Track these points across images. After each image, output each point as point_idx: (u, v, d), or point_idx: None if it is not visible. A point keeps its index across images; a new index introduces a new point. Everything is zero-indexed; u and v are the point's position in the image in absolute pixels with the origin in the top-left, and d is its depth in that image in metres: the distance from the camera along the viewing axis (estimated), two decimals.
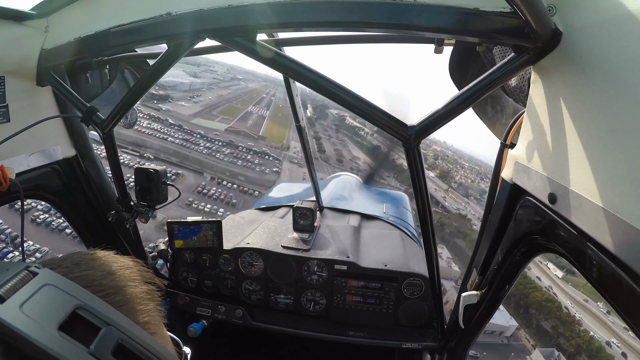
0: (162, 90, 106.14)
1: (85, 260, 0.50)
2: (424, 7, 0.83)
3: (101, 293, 0.44)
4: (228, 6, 0.96)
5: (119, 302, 0.46)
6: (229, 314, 1.98)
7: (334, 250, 1.97)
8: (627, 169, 0.64)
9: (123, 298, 0.47)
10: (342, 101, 1.00)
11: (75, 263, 0.48)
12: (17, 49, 1.23)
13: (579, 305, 49.99)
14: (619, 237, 0.64)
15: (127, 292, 0.48)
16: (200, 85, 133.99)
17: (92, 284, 0.45)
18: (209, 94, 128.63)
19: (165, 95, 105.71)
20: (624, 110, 0.65)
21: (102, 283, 0.46)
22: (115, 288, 0.47)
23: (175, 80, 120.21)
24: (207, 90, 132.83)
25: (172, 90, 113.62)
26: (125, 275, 0.50)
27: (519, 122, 1.10)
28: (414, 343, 1.82)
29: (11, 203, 1.36)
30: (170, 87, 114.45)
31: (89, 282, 0.45)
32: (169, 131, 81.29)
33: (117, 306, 0.44)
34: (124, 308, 0.45)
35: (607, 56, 0.68)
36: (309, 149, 2.24)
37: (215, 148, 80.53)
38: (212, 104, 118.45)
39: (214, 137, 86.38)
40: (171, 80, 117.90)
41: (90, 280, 0.46)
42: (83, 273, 0.46)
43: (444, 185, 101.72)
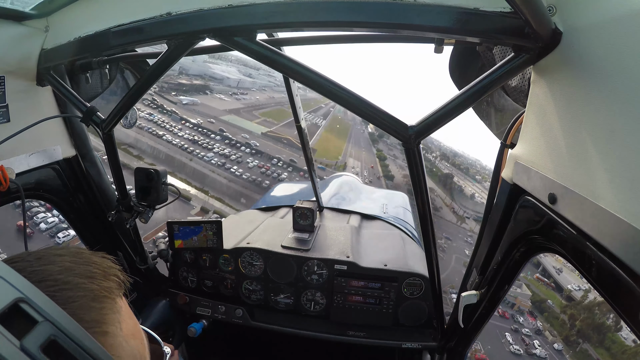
0: (199, 80, 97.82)
1: (49, 255, 0.50)
2: (424, 7, 0.83)
3: (53, 288, 0.45)
4: (228, 6, 0.96)
5: (71, 299, 0.46)
6: (229, 314, 1.98)
7: (334, 250, 1.97)
8: (627, 169, 0.64)
9: (76, 294, 0.47)
10: (342, 101, 1.00)
11: (38, 257, 0.49)
12: (17, 49, 1.23)
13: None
14: (619, 237, 0.64)
15: (81, 288, 0.48)
16: (251, 85, 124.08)
17: (46, 278, 0.46)
18: (257, 94, 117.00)
19: (203, 85, 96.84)
20: (624, 110, 0.65)
21: (56, 278, 0.47)
22: (70, 284, 0.47)
23: (222, 74, 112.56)
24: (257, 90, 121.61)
25: (215, 82, 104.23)
26: (84, 272, 0.50)
27: (519, 122, 1.10)
28: (414, 343, 1.82)
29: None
30: (214, 79, 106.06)
31: (43, 277, 0.46)
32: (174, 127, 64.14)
33: (68, 302, 0.45)
34: (75, 304, 0.46)
35: (607, 56, 0.68)
36: (309, 149, 2.24)
37: (235, 157, 60.36)
38: (258, 104, 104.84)
39: (242, 140, 67.84)
40: (217, 74, 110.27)
41: (45, 275, 0.47)
42: (40, 268, 0.48)
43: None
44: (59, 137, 1.52)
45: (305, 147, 2.20)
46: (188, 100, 79.59)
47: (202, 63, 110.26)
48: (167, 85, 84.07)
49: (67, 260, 0.51)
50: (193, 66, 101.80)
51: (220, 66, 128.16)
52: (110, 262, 0.56)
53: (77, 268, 0.50)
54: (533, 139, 0.95)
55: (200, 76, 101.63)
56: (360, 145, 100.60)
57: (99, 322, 0.48)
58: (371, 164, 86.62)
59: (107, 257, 0.56)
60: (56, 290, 0.46)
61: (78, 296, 0.47)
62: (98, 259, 0.55)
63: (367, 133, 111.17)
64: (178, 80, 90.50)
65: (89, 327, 0.45)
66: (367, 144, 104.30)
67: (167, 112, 69.26)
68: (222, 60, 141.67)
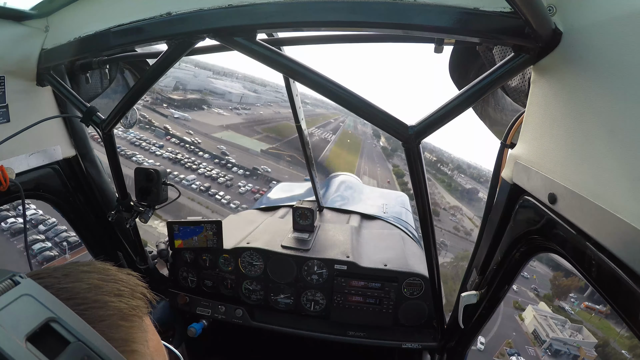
0: (195, 94, 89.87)
1: (77, 272, 0.50)
2: (424, 6, 0.83)
3: (82, 306, 0.45)
4: (228, 6, 0.96)
5: (100, 317, 0.46)
6: (229, 314, 1.98)
7: (334, 250, 1.97)
8: (627, 169, 0.64)
9: (105, 313, 0.47)
10: (342, 101, 1.00)
11: (65, 274, 0.49)
12: (17, 49, 1.23)
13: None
14: (619, 237, 0.64)
15: (110, 307, 0.48)
16: (255, 100, 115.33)
17: (75, 296, 0.46)
18: (262, 109, 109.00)
19: (199, 99, 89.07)
20: (624, 110, 0.65)
21: (85, 296, 0.47)
22: (99, 302, 0.47)
23: (224, 89, 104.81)
24: (262, 105, 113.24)
25: (214, 97, 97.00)
26: (113, 289, 0.50)
27: (519, 122, 1.10)
28: (414, 343, 1.82)
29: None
30: (215, 94, 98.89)
31: (72, 294, 0.46)
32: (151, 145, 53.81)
33: (97, 321, 0.45)
34: (104, 323, 0.46)
35: (607, 56, 0.68)
36: (309, 149, 2.24)
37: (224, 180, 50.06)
38: (262, 119, 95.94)
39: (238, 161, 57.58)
40: (219, 88, 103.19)
41: (74, 292, 0.46)
42: (69, 285, 0.47)
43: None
44: (59, 137, 1.52)
45: (305, 146, 2.20)
46: (180, 114, 73.69)
47: (205, 78, 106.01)
48: (161, 97, 78.39)
49: (95, 277, 0.50)
50: (193, 81, 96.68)
51: (224, 81, 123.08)
52: (137, 280, 0.56)
53: (105, 286, 0.50)
54: (533, 139, 0.95)
55: (199, 91, 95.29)
56: (374, 160, 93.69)
57: (127, 341, 0.48)
58: (387, 179, 79.50)
59: (132, 274, 0.56)
60: (85, 309, 0.45)
61: (107, 315, 0.47)
62: (125, 276, 0.54)
63: (379, 147, 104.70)
64: (172, 94, 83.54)
65: (118, 346, 0.45)
66: (381, 159, 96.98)
67: (151, 128, 61.75)
68: (227, 76, 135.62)
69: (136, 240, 1.86)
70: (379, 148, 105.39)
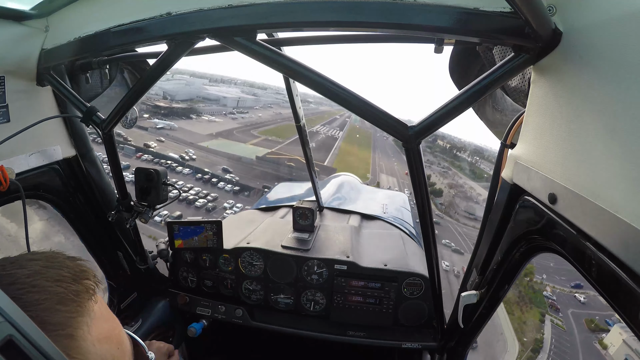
0: (184, 102, 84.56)
1: (23, 259, 0.54)
2: (424, 6, 0.83)
3: (21, 291, 0.48)
4: (228, 6, 0.96)
5: (37, 301, 0.48)
6: (229, 313, 1.98)
7: (334, 250, 1.97)
8: (627, 169, 0.64)
9: (42, 297, 0.49)
10: (342, 101, 1.00)
11: (12, 262, 0.53)
12: (17, 49, 1.23)
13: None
14: (619, 237, 0.64)
15: (47, 292, 0.50)
16: (254, 103, 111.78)
17: (16, 281, 0.49)
18: (261, 112, 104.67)
19: (189, 108, 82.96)
20: (625, 110, 0.65)
21: (24, 282, 0.50)
22: (37, 287, 0.50)
23: (218, 95, 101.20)
24: (260, 108, 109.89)
25: (206, 103, 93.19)
26: (54, 275, 0.53)
27: (519, 122, 1.10)
28: (414, 343, 1.82)
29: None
30: (208, 100, 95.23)
31: (13, 280, 0.50)
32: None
33: (34, 305, 0.47)
34: (40, 307, 0.48)
35: (607, 56, 0.68)
36: (309, 149, 2.24)
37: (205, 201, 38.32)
38: (260, 122, 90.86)
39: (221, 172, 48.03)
40: (212, 94, 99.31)
41: (15, 278, 0.50)
42: (11, 271, 0.51)
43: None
44: (59, 137, 1.52)
45: (305, 146, 2.20)
46: (165, 124, 65.39)
47: (199, 86, 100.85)
48: (146, 106, 71.10)
49: (39, 264, 0.53)
50: (185, 89, 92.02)
51: (220, 87, 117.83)
52: (84, 267, 0.58)
53: (47, 272, 0.52)
54: (533, 139, 0.95)
55: (189, 99, 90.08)
56: (388, 154, 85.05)
57: (63, 325, 0.50)
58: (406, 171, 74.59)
59: (81, 261, 0.58)
60: (23, 293, 0.48)
61: (44, 299, 0.49)
62: (71, 263, 0.56)
63: (391, 139, 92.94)
64: (159, 101, 78.08)
65: (53, 329, 0.47)
66: (396, 152, 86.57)
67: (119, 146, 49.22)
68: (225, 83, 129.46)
69: (136, 240, 1.86)
70: (391, 140, 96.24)
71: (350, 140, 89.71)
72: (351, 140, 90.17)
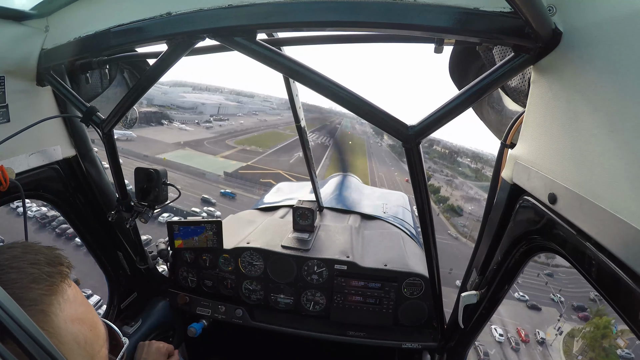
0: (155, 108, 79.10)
1: (4, 247, 0.61)
2: (424, 6, 0.83)
3: (0, 272, 0.55)
4: (228, 6, 0.96)
5: (13, 280, 0.55)
6: (229, 314, 1.98)
7: (334, 250, 1.97)
8: (627, 168, 0.64)
9: (18, 277, 0.56)
10: (342, 101, 1.00)
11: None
12: (17, 49, 1.23)
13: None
14: (619, 237, 0.64)
15: (23, 272, 0.57)
16: (236, 110, 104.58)
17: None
18: (243, 118, 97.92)
19: (159, 113, 77.54)
20: (624, 110, 0.65)
21: (3, 264, 0.57)
22: (15, 268, 0.57)
23: (195, 102, 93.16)
24: (244, 115, 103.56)
25: (179, 111, 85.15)
26: (30, 259, 0.60)
27: (519, 122, 1.10)
28: (414, 343, 1.82)
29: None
30: (181, 108, 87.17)
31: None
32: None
33: (11, 283, 0.54)
34: (16, 285, 0.55)
35: (607, 56, 0.68)
36: (308, 149, 2.24)
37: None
38: (241, 129, 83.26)
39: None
40: (187, 102, 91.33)
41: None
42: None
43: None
44: (59, 137, 1.52)
45: (305, 146, 2.20)
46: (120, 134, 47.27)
47: (178, 94, 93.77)
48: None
49: (18, 250, 0.61)
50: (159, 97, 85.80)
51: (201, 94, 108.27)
52: (59, 254, 0.65)
53: (24, 256, 0.60)
54: (533, 139, 0.95)
55: (159, 105, 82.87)
56: (385, 162, 79.35)
57: (36, 301, 0.56)
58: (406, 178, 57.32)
59: (57, 250, 0.66)
60: (2, 274, 0.55)
61: (20, 278, 0.56)
62: (47, 250, 0.64)
63: (385, 145, 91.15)
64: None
65: (27, 304, 0.53)
66: (393, 159, 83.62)
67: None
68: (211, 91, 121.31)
69: (136, 240, 1.86)
70: (385, 146, 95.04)
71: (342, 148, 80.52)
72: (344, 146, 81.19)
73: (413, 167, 1.05)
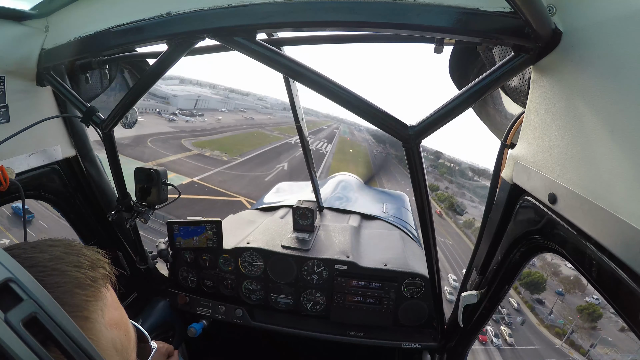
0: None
1: (43, 245, 0.57)
2: (424, 6, 0.83)
3: (42, 273, 0.51)
4: (228, 6, 0.96)
5: (57, 284, 0.52)
6: (229, 314, 1.98)
7: (334, 250, 1.97)
8: (627, 169, 0.64)
9: (62, 280, 0.53)
10: (342, 101, 1.00)
11: (33, 247, 0.56)
12: (17, 49, 1.23)
13: None
14: (619, 237, 0.64)
15: (67, 276, 0.54)
16: (219, 105, 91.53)
17: (37, 264, 0.52)
18: (224, 114, 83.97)
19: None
20: (624, 110, 0.65)
21: (46, 265, 0.53)
22: (58, 270, 0.53)
23: (167, 93, 76.46)
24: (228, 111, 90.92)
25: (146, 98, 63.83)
26: (73, 261, 0.56)
27: (519, 122, 1.10)
28: (414, 343, 1.82)
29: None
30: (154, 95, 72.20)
31: (35, 262, 0.52)
32: None
33: (54, 287, 0.51)
34: (60, 289, 0.51)
35: (607, 56, 0.68)
36: (308, 148, 2.24)
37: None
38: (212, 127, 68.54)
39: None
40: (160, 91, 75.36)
41: (37, 261, 0.53)
42: (33, 255, 0.54)
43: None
44: (59, 137, 1.52)
45: (305, 146, 2.20)
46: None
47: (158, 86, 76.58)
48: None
49: (59, 250, 0.56)
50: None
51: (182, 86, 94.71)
52: (100, 255, 0.61)
53: (66, 257, 0.56)
54: (533, 139, 0.95)
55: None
56: (395, 177, 64.15)
57: (80, 307, 0.53)
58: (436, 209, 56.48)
59: (97, 251, 0.61)
60: (45, 275, 0.51)
61: (64, 282, 0.53)
62: (88, 251, 0.60)
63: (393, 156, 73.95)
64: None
65: (71, 310, 0.50)
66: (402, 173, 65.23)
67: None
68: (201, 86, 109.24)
69: (136, 240, 1.86)
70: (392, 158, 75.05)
71: (343, 157, 65.36)
72: (344, 156, 66.40)
73: (413, 167, 1.05)
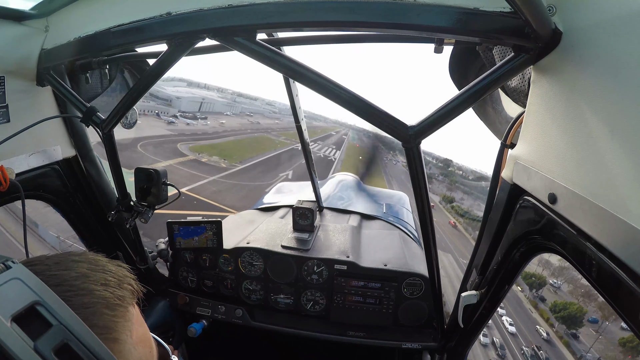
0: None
1: (67, 260, 0.53)
2: (424, 6, 0.83)
3: (69, 293, 0.47)
4: (228, 6, 0.96)
5: (85, 305, 0.48)
6: (229, 314, 1.98)
7: (333, 250, 1.97)
8: (627, 169, 0.64)
9: (90, 300, 0.49)
10: (342, 101, 1.00)
11: (57, 262, 0.52)
12: (17, 49, 1.23)
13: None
14: (619, 237, 0.64)
15: (95, 295, 0.50)
16: (225, 109, 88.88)
17: (63, 283, 0.48)
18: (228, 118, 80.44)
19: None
20: (624, 110, 0.65)
21: (73, 284, 0.49)
22: (85, 290, 0.50)
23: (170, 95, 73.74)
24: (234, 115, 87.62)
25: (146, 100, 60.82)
26: (100, 279, 0.52)
27: (519, 122, 1.10)
28: (414, 343, 1.82)
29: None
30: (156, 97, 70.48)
31: (60, 281, 0.48)
32: None
33: (82, 308, 0.47)
34: (88, 310, 0.48)
35: (607, 56, 0.68)
36: (308, 148, 2.24)
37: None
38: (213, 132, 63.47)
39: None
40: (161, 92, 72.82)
41: (62, 280, 0.49)
42: (58, 272, 0.50)
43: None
44: (59, 137, 1.52)
45: (305, 146, 2.20)
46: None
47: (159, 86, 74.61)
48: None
49: (85, 267, 0.53)
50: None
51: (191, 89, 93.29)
52: (126, 271, 0.59)
53: (93, 275, 0.52)
54: (533, 139, 0.95)
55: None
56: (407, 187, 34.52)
57: (110, 329, 0.50)
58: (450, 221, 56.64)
59: (122, 266, 0.58)
60: (72, 296, 0.47)
61: (92, 302, 0.49)
62: (114, 267, 0.57)
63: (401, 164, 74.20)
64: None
65: (100, 333, 0.46)
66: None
67: None
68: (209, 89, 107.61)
69: (136, 240, 1.86)
70: (401, 165, 75.12)
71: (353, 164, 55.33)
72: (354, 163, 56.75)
73: (413, 167, 1.05)
